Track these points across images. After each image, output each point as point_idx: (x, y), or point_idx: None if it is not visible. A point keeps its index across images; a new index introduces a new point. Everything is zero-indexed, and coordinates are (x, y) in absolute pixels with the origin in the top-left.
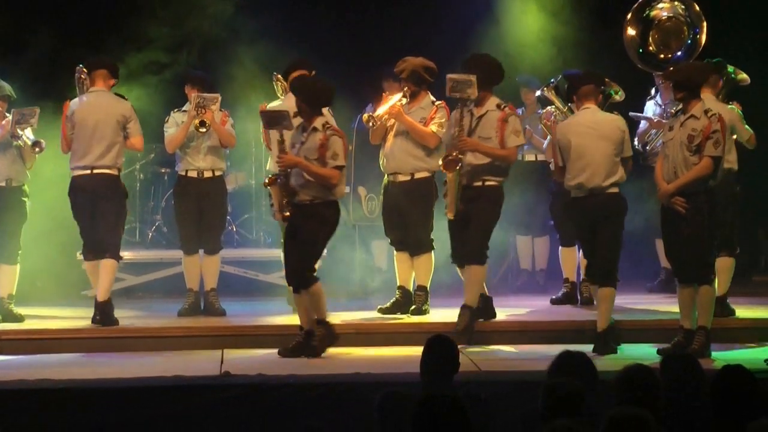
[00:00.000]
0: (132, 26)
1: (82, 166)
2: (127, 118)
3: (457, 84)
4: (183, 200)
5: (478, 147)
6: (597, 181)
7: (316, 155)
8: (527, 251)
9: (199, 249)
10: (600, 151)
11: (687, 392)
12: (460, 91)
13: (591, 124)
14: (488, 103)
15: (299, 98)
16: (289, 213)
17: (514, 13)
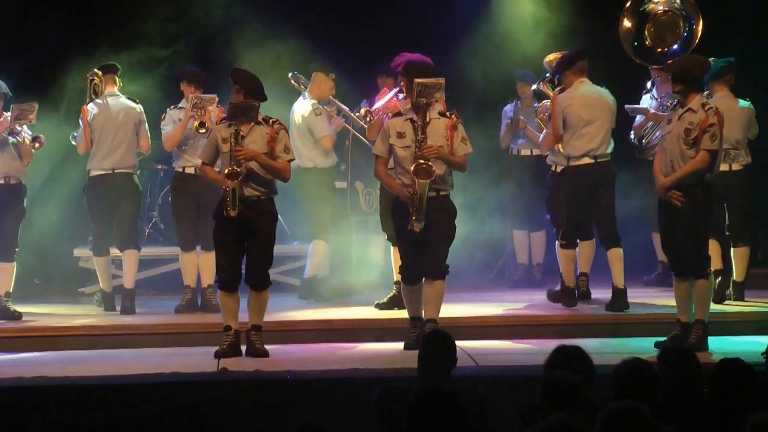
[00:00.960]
0: (127, 21)
1: (104, 166)
2: (141, 122)
3: (425, 89)
4: (180, 197)
5: (441, 155)
6: (603, 150)
7: (266, 149)
8: (524, 246)
9: (196, 246)
10: (605, 121)
11: (685, 386)
12: (427, 95)
13: (595, 95)
14: (431, 111)
15: (244, 88)
16: (239, 211)
17: (510, 6)
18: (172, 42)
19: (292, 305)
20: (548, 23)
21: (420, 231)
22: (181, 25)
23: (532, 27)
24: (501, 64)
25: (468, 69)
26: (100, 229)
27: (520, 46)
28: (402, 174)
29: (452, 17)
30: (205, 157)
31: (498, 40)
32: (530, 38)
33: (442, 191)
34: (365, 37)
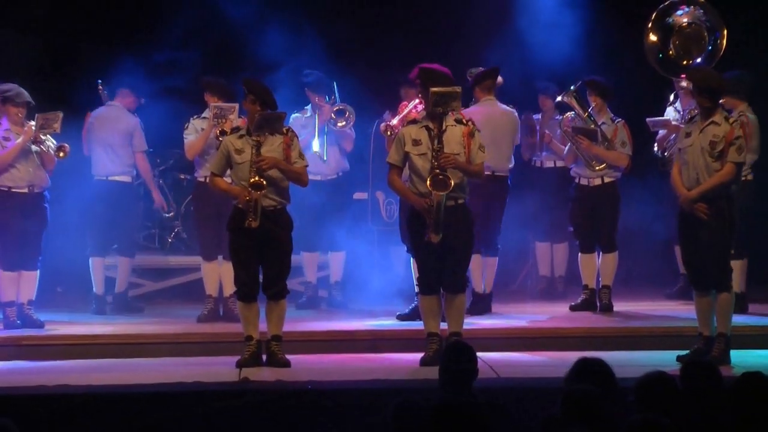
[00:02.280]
0: (150, 31)
1: (99, 173)
2: (132, 132)
3: (441, 98)
4: (202, 206)
5: (458, 164)
6: (503, 166)
7: (283, 157)
8: (546, 258)
9: (218, 255)
10: (504, 139)
11: (707, 399)
12: (443, 104)
13: (497, 114)
14: (447, 118)
15: (260, 98)
16: (258, 222)
17: (533, 18)
18: (194, 53)
19: (313, 315)
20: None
21: (438, 242)
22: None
23: (557, 42)
24: (525, 77)
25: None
26: (93, 233)
27: (546, 56)
28: (418, 183)
29: (476, 31)
30: (216, 167)
31: (522, 53)
32: (554, 53)
33: (459, 200)
34: (387, 49)
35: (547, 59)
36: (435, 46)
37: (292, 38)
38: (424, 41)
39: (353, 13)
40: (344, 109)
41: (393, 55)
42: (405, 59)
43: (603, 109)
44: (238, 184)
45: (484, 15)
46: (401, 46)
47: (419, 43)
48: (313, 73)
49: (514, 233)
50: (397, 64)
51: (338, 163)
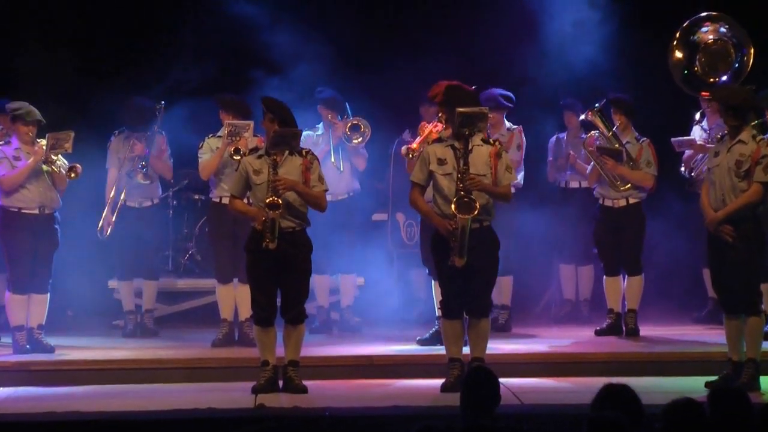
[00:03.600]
0: (164, 48)
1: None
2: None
3: (467, 118)
4: (217, 228)
5: (485, 187)
6: None
7: (301, 179)
8: (571, 280)
9: (233, 278)
10: None
11: (735, 427)
12: (470, 125)
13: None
14: (473, 137)
15: (279, 116)
16: (276, 243)
17: (557, 33)
18: (208, 69)
19: (326, 340)
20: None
21: (462, 266)
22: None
23: (581, 58)
24: (550, 94)
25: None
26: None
27: (570, 74)
28: (442, 204)
29: (499, 47)
30: (234, 189)
31: (547, 68)
32: (579, 69)
33: (484, 222)
34: (407, 65)
35: (570, 76)
36: (455, 62)
37: (307, 53)
38: (444, 57)
39: (370, 30)
40: (359, 124)
41: (412, 71)
42: (425, 76)
43: (628, 128)
44: (257, 205)
45: (507, 30)
46: (420, 62)
47: (439, 60)
48: (326, 89)
49: (538, 255)
50: (416, 81)
51: (349, 183)
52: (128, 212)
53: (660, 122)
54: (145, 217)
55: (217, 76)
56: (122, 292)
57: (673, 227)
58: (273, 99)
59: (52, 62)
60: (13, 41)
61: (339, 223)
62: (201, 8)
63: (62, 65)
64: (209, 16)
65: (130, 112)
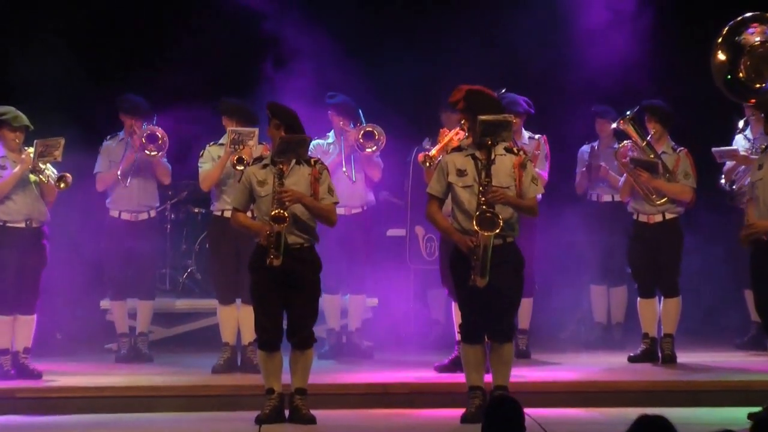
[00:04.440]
0: (161, 48)
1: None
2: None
3: (490, 127)
4: (219, 244)
5: (509, 200)
6: None
7: (309, 191)
8: (602, 302)
9: (236, 298)
10: None
11: None
12: (493, 135)
13: None
14: (496, 146)
15: (285, 122)
16: (281, 259)
17: (585, 31)
18: (211, 74)
19: (336, 366)
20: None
21: (483, 286)
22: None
23: (614, 61)
24: (579, 101)
25: (541, 101)
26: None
27: (602, 79)
28: (462, 219)
29: (525, 49)
30: (237, 202)
31: (578, 73)
32: (612, 74)
33: (508, 238)
34: (426, 70)
35: (601, 80)
36: (477, 66)
37: (318, 53)
38: (465, 61)
39: (387, 29)
40: (373, 132)
41: (433, 76)
42: (446, 80)
43: (663, 137)
44: (261, 219)
45: (531, 31)
46: (443, 64)
47: (460, 64)
48: (338, 94)
49: (566, 275)
50: (438, 85)
51: (363, 196)
52: (122, 226)
53: (699, 130)
54: (141, 231)
55: (218, 80)
56: (115, 313)
57: (713, 244)
58: (278, 104)
59: (42, 65)
60: (2, 43)
61: (351, 238)
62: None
63: (54, 68)
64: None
65: (125, 104)
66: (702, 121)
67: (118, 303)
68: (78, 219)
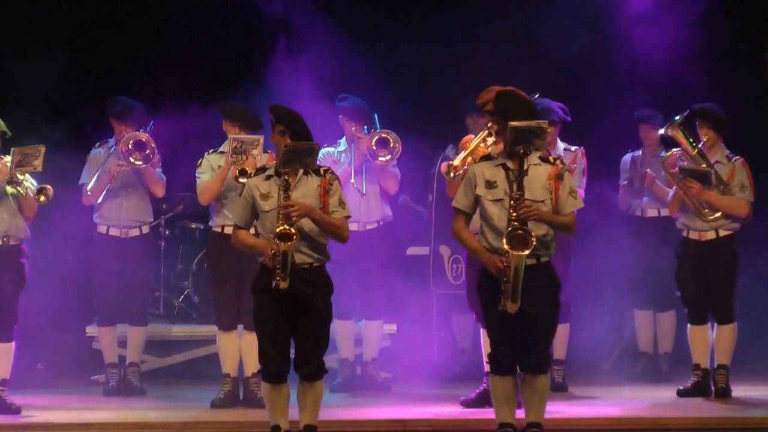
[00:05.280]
0: (156, 46)
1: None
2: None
3: (522, 134)
4: (219, 263)
5: (543, 215)
6: None
7: (318, 204)
8: (648, 330)
9: (238, 324)
10: None
11: None
12: (525, 143)
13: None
14: (529, 156)
15: (290, 128)
16: (288, 282)
17: (625, 25)
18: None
19: (351, 400)
20: (680, 55)
21: (515, 312)
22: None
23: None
24: (619, 105)
25: (580, 105)
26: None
27: (646, 80)
28: (491, 236)
29: (558, 47)
30: (239, 218)
31: (617, 67)
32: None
33: (542, 258)
34: (450, 71)
35: (646, 82)
36: (508, 68)
37: (331, 49)
38: (495, 61)
39: (407, 21)
40: (387, 138)
41: (458, 77)
42: (471, 82)
43: (716, 145)
44: (265, 236)
45: (569, 29)
46: (468, 65)
47: (490, 64)
48: (349, 96)
49: (607, 298)
50: (463, 87)
51: (379, 209)
52: (111, 243)
53: (756, 137)
54: (132, 249)
55: (218, 78)
56: (103, 340)
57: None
58: (283, 107)
59: (22, 59)
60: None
61: (367, 257)
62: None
63: (35, 64)
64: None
65: (115, 107)
66: (761, 127)
67: (106, 329)
68: (61, 235)
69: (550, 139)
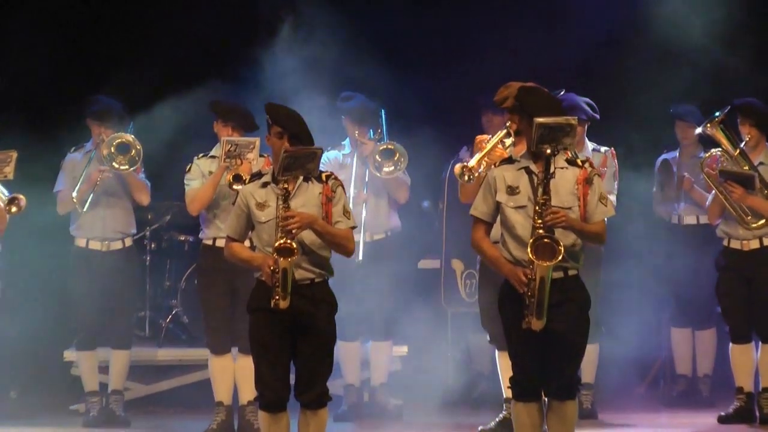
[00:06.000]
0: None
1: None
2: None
3: (549, 131)
4: (211, 280)
5: (571, 223)
6: None
7: (321, 213)
8: (686, 349)
9: (232, 347)
10: None
11: None
12: (552, 141)
13: None
14: (556, 158)
15: (289, 130)
16: (288, 300)
17: (668, 16)
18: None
19: (362, 429)
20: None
21: (540, 330)
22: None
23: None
24: (655, 100)
25: (606, 101)
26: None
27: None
28: (513, 247)
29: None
30: (232, 229)
31: (650, 65)
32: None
33: (570, 270)
34: (463, 66)
35: (682, 75)
36: (529, 57)
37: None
38: (515, 54)
39: (417, 17)
40: (393, 150)
41: (469, 73)
42: (489, 77)
43: (760, 145)
44: (262, 250)
45: (595, 17)
46: (485, 59)
47: (509, 56)
48: (354, 95)
49: (642, 314)
50: (475, 85)
51: (386, 219)
52: (91, 257)
53: None
54: (114, 264)
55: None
56: (82, 366)
57: None
58: (281, 106)
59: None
60: None
61: (373, 271)
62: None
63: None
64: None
65: (93, 108)
66: None
67: (86, 354)
68: (36, 249)
69: (578, 139)
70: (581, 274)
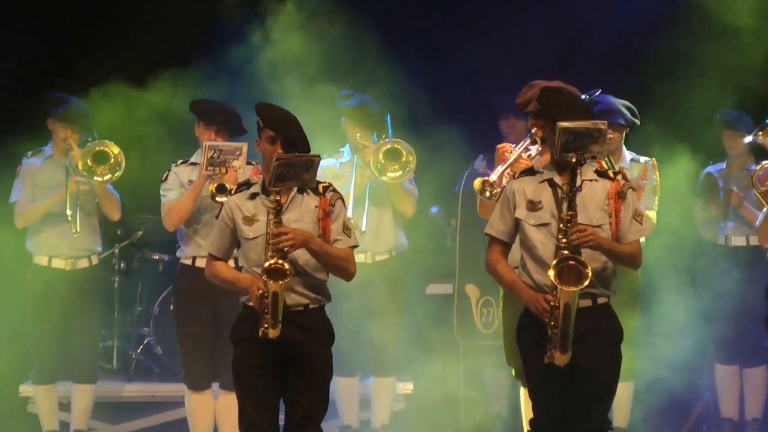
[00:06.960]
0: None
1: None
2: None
3: (575, 137)
4: (189, 304)
5: (601, 243)
6: None
7: (317, 230)
8: (733, 389)
9: (213, 382)
10: None
11: None
12: (579, 148)
13: None
14: (583, 169)
15: (282, 134)
16: (279, 329)
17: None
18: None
19: None
20: None
21: (564, 366)
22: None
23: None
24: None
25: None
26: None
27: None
28: (534, 270)
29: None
30: (215, 247)
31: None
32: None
33: (600, 298)
34: (477, 65)
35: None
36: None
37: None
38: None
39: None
40: (399, 150)
41: (485, 73)
42: (508, 77)
43: None
44: (249, 270)
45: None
46: (504, 60)
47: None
48: (354, 93)
49: (679, 349)
50: (491, 86)
51: (390, 237)
52: (52, 278)
53: None
54: (78, 285)
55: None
56: (40, 402)
57: None
58: (273, 107)
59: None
60: None
61: (375, 297)
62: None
63: None
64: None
65: (58, 107)
66: None
67: (44, 388)
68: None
69: (615, 147)
70: (613, 304)
